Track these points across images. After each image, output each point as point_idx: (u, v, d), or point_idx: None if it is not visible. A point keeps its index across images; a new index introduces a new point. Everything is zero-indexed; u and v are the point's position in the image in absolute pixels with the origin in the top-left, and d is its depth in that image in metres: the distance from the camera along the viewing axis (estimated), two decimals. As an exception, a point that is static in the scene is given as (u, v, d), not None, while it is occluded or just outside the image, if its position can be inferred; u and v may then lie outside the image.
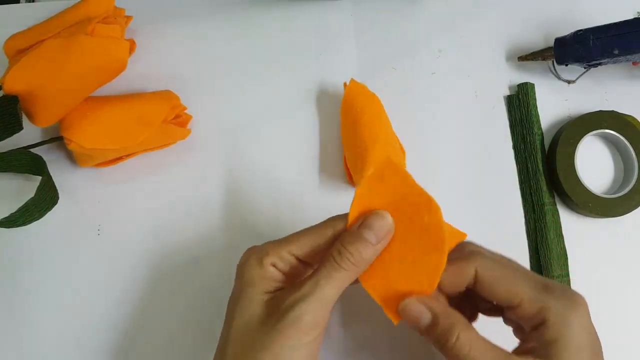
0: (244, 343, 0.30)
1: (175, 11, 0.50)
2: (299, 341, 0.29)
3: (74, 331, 0.42)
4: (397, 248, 0.32)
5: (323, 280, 0.30)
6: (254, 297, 0.31)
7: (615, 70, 0.48)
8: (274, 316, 0.29)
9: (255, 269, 0.31)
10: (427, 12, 0.50)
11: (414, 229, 0.32)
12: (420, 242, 0.31)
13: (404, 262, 0.31)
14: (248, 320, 0.30)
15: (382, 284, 0.32)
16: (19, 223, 0.41)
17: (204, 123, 0.47)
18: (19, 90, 0.40)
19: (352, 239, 0.31)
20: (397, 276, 0.32)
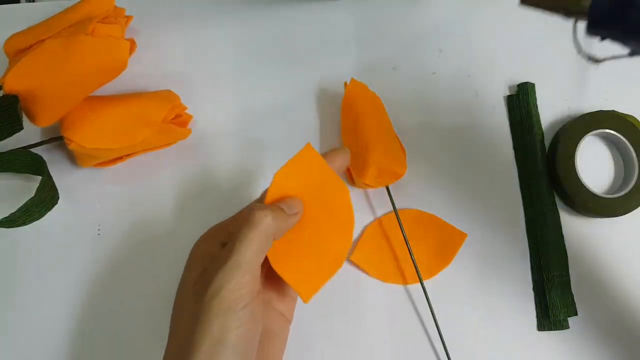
0: (186, 330, 0.29)
1: (176, 11, 0.50)
2: (231, 312, 0.28)
3: (74, 331, 0.42)
4: (309, 231, 0.33)
5: (238, 243, 0.29)
6: (185, 280, 0.32)
7: (616, 70, 0.48)
8: (201, 294, 0.29)
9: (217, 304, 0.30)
10: (428, 11, 0.50)
11: (326, 212, 0.34)
12: (331, 224, 0.34)
13: (315, 244, 0.33)
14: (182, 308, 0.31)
15: (293, 265, 0.33)
16: (19, 223, 0.41)
17: (204, 123, 0.47)
18: (19, 90, 0.40)
19: (273, 207, 0.32)
20: (308, 257, 0.33)
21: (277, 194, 0.33)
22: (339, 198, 0.34)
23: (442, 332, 0.42)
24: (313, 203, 0.34)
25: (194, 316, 0.29)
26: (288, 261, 0.33)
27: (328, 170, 0.34)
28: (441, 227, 0.44)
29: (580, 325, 0.43)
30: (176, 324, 0.31)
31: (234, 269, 0.29)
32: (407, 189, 0.45)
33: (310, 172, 0.34)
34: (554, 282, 0.43)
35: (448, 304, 0.43)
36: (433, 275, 0.43)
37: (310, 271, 0.33)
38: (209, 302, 0.28)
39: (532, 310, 0.43)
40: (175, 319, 0.32)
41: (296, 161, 0.34)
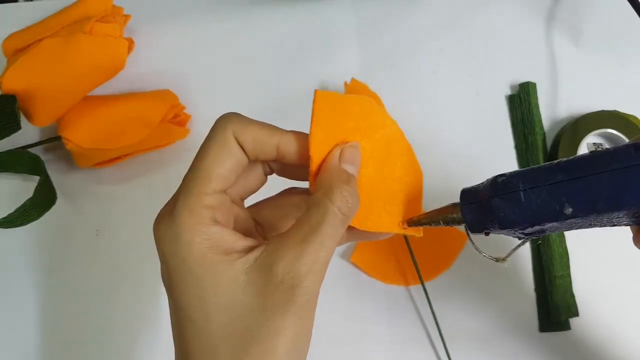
0: (239, 338, 0.23)
1: (174, 10, 0.50)
2: (310, 316, 0.24)
3: (72, 331, 0.42)
4: (370, 168, 0.28)
5: (329, 240, 0.24)
6: (224, 279, 0.23)
7: (616, 69, 0.48)
8: (275, 296, 0.23)
9: (199, 242, 0.23)
10: (428, 11, 0.50)
11: (375, 141, 0.28)
12: (385, 148, 0.28)
13: (381, 177, 0.28)
14: (231, 309, 0.23)
15: (374, 211, 0.27)
16: (17, 223, 0.40)
17: (203, 123, 0.47)
18: (17, 90, 0.40)
19: (345, 178, 0.25)
20: (384, 192, 0.28)
21: (323, 140, 0.26)
22: (382, 128, 0.28)
23: (443, 333, 0.41)
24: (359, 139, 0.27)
25: (266, 319, 0.23)
26: (363, 210, 0.26)
27: (354, 100, 0.28)
28: (442, 228, 0.44)
29: (581, 326, 0.42)
30: (215, 327, 0.24)
31: (323, 269, 0.24)
32: (407, 189, 0.45)
33: (340, 114, 0.27)
34: (556, 282, 0.42)
35: (449, 305, 0.42)
36: (434, 276, 0.43)
37: (394, 203, 0.28)
38: (296, 310, 0.23)
39: (534, 311, 0.43)
40: (204, 319, 0.24)
41: (319, 111, 0.27)
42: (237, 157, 0.25)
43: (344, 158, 0.26)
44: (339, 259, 0.44)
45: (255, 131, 0.25)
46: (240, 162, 0.25)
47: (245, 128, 0.25)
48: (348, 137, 0.27)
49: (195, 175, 0.24)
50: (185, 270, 0.24)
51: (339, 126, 0.27)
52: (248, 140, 0.25)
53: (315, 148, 0.26)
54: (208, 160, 0.25)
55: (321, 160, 0.26)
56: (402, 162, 0.28)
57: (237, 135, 0.25)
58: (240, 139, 0.25)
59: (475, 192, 0.28)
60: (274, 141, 0.26)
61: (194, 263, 0.23)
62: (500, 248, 0.30)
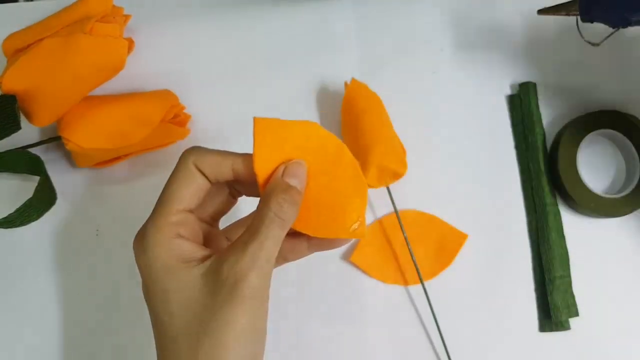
0: (195, 332, 0.27)
1: (174, 10, 0.50)
2: (259, 309, 0.27)
3: (72, 331, 0.42)
4: (314, 181, 0.31)
5: (268, 240, 0.27)
6: (184, 282, 0.27)
7: (617, 69, 0.48)
8: (222, 292, 0.27)
9: (164, 253, 0.28)
10: (428, 11, 0.50)
11: (316, 156, 0.31)
12: (327, 161, 0.31)
13: (327, 188, 0.31)
14: (190, 307, 0.27)
15: (322, 219, 0.30)
16: (17, 224, 0.40)
17: (203, 123, 0.47)
18: (17, 90, 0.40)
19: (284, 187, 0.29)
20: (330, 202, 0.31)
21: (266, 160, 0.30)
22: (317, 136, 0.31)
23: (443, 333, 0.41)
24: (302, 157, 0.31)
25: (214, 314, 0.26)
26: (312, 219, 0.30)
27: (294, 124, 0.31)
28: (442, 228, 0.44)
29: (581, 326, 0.42)
30: (177, 323, 0.27)
31: (266, 266, 0.27)
32: (407, 189, 0.45)
33: (281, 137, 0.31)
34: (556, 282, 0.42)
35: (449, 305, 0.42)
36: (434, 276, 0.43)
37: (340, 210, 0.30)
38: (241, 303, 0.26)
39: (534, 311, 0.43)
40: (168, 317, 0.28)
41: (260, 139, 0.30)
42: (198, 181, 0.29)
43: (287, 172, 0.29)
44: (339, 259, 0.44)
45: (211, 157, 0.29)
46: (201, 186, 0.29)
47: (203, 156, 0.29)
48: (293, 156, 0.30)
49: (162, 199, 0.29)
50: (154, 277, 0.28)
51: (282, 147, 0.30)
52: (205, 166, 0.29)
53: (259, 167, 0.30)
54: (173, 186, 0.29)
55: (267, 177, 0.30)
56: (347, 173, 0.31)
57: (197, 163, 0.29)
58: (200, 166, 0.29)
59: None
60: (229, 164, 0.29)
61: (160, 271, 0.28)
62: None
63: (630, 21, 0.37)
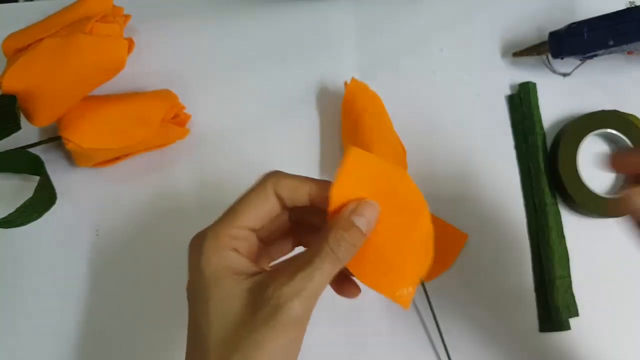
0: (228, 344, 0.27)
1: (174, 10, 0.50)
2: (294, 337, 0.27)
3: (72, 331, 0.42)
4: (383, 231, 0.30)
5: (318, 272, 0.27)
6: (228, 293, 0.28)
7: (617, 69, 0.48)
8: (262, 312, 0.27)
9: (215, 263, 0.28)
10: (428, 10, 0.50)
11: (394, 208, 0.30)
12: (404, 217, 0.30)
13: (393, 243, 0.30)
14: (228, 319, 0.27)
15: (376, 270, 0.30)
16: (17, 223, 0.40)
17: (203, 122, 0.47)
18: (17, 90, 0.40)
19: (347, 224, 0.29)
20: (391, 258, 0.30)
21: (343, 195, 0.30)
22: (403, 187, 0.30)
23: (443, 333, 0.41)
24: (380, 203, 0.30)
25: (251, 332, 0.27)
26: (372, 270, 0.30)
27: (385, 165, 0.31)
28: (442, 228, 0.44)
29: (581, 326, 0.42)
30: (213, 332, 0.27)
31: (311, 298, 0.27)
32: (407, 189, 0.45)
33: (368, 174, 0.30)
34: (556, 282, 0.42)
35: (449, 305, 0.42)
36: (434, 276, 0.43)
37: (399, 274, 0.30)
38: (279, 327, 0.26)
39: (534, 311, 0.43)
40: (205, 325, 0.28)
41: (349, 166, 0.30)
42: (270, 205, 0.30)
43: (357, 211, 0.29)
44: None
45: (290, 182, 0.30)
46: (272, 210, 0.30)
47: (282, 180, 0.30)
48: (371, 196, 0.30)
49: (231, 211, 0.30)
50: (201, 282, 0.28)
51: (365, 183, 0.30)
52: (284, 190, 0.30)
53: (335, 196, 0.29)
54: (245, 203, 0.30)
55: (337, 209, 0.29)
56: (419, 236, 0.30)
57: (276, 187, 0.30)
58: (278, 190, 0.30)
59: (557, 33, 0.45)
60: (306, 189, 0.30)
61: (209, 277, 0.28)
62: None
63: (596, 54, 0.44)
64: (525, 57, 0.47)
